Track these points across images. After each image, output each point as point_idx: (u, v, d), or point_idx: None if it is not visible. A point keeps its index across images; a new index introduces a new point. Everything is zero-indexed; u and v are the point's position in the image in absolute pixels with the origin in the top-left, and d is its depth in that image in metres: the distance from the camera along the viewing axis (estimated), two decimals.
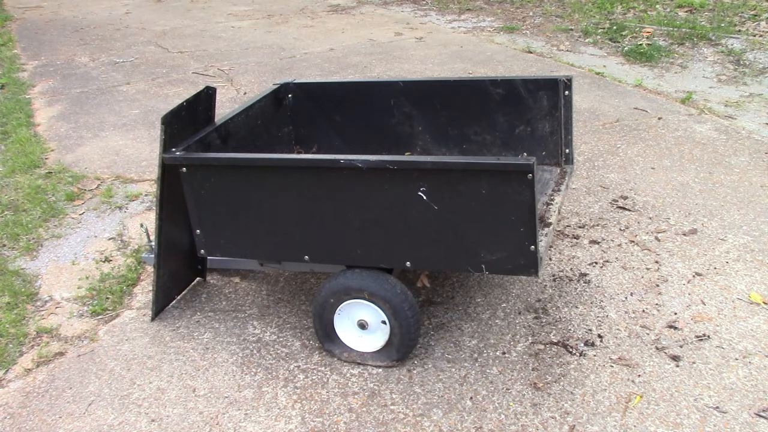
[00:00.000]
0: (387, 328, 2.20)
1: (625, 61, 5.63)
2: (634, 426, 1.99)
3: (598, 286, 2.66)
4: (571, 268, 2.78)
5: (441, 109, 2.77)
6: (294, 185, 2.09)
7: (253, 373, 2.28)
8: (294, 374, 2.26)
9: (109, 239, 3.19)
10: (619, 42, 6.12)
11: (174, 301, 2.67)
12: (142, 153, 4.16)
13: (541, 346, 2.34)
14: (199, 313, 2.61)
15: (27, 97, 5.32)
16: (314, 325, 2.32)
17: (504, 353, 2.31)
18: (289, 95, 2.93)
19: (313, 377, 2.25)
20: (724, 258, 2.81)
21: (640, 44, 5.89)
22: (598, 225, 3.10)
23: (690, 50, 5.76)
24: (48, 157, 4.14)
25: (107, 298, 2.72)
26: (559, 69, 5.47)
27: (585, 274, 2.74)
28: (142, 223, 3.10)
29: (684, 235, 2.99)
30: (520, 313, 2.51)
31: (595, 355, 2.29)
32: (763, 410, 2.02)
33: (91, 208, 3.50)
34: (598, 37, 6.32)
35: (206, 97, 2.46)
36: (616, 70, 5.40)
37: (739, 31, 6.11)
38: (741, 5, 6.85)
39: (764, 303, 2.52)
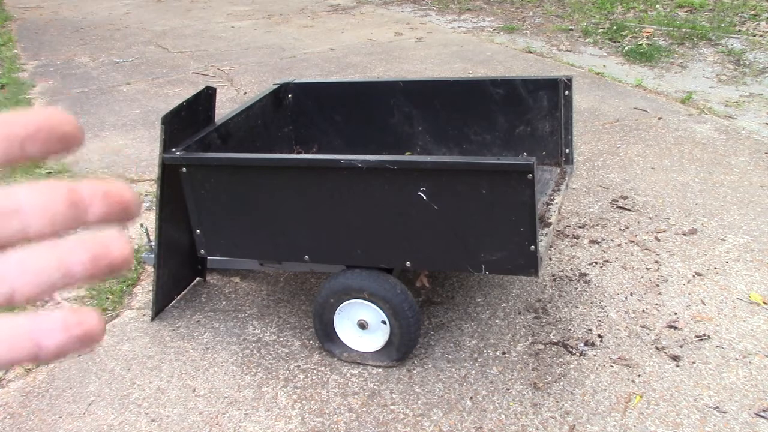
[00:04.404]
0: (387, 328, 2.20)
1: (625, 61, 5.63)
2: (634, 426, 1.99)
3: (598, 286, 2.66)
4: (571, 268, 2.78)
5: (441, 109, 2.77)
6: (294, 185, 2.09)
7: (253, 373, 2.28)
8: (294, 374, 2.26)
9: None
10: (619, 42, 6.12)
11: (174, 301, 2.67)
12: (142, 153, 4.16)
13: (541, 346, 2.34)
14: (199, 313, 2.61)
15: (27, 97, 5.32)
16: (314, 325, 2.32)
17: (504, 353, 2.31)
18: (289, 95, 2.93)
19: (313, 377, 2.25)
20: (724, 258, 2.81)
21: (640, 44, 5.89)
22: (598, 225, 3.10)
23: (690, 50, 5.76)
24: None
25: (107, 298, 2.72)
26: (559, 69, 5.47)
27: (585, 274, 2.74)
28: (142, 223, 3.10)
29: (684, 235, 2.99)
30: (520, 313, 2.51)
31: (595, 355, 2.28)
32: (763, 410, 2.02)
33: None
34: (598, 37, 6.32)
35: (206, 97, 2.46)
36: (616, 70, 5.39)
37: (739, 31, 6.11)
38: (741, 5, 6.84)
39: (764, 303, 2.52)
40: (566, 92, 2.58)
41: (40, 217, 0.30)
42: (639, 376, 2.19)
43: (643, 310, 2.50)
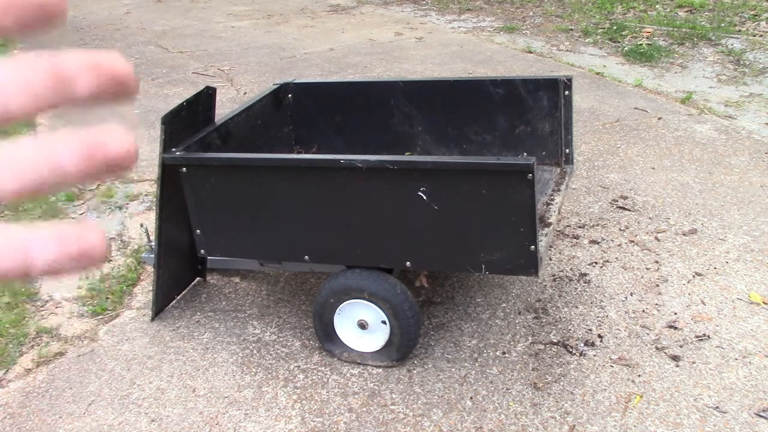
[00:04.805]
0: (387, 328, 2.20)
1: (625, 61, 5.63)
2: (634, 426, 1.99)
3: (598, 286, 2.66)
4: (571, 268, 2.78)
5: (441, 109, 2.77)
6: (294, 185, 2.09)
7: (253, 373, 2.28)
8: (294, 374, 2.27)
9: (109, 239, 3.19)
10: (619, 42, 6.12)
11: (174, 301, 2.67)
12: (142, 153, 4.16)
13: (541, 346, 2.34)
14: (199, 313, 2.61)
15: None
16: (314, 325, 2.32)
17: (504, 353, 2.31)
18: (289, 95, 2.93)
19: (313, 377, 2.25)
20: (724, 258, 2.81)
21: (640, 44, 5.89)
22: (598, 225, 3.10)
23: (690, 50, 5.76)
24: None
25: (107, 298, 2.72)
26: (559, 69, 5.47)
27: (585, 274, 2.74)
28: (142, 223, 3.10)
29: (684, 235, 2.99)
30: (520, 313, 2.51)
31: (595, 355, 2.29)
32: (763, 410, 2.02)
33: (91, 208, 3.50)
34: (598, 37, 6.32)
35: (206, 97, 2.46)
36: (616, 70, 5.39)
37: (739, 31, 6.11)
38: (741, 5, 6.84)
39: (764, 303, 2.52)
40: (566, 92, 2.58)
41: (21, 94, 0.27)
42: (639, 376, 2.19)
43: (643, 310, 2.50)
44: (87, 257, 0.28)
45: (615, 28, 6.47)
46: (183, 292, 2.72)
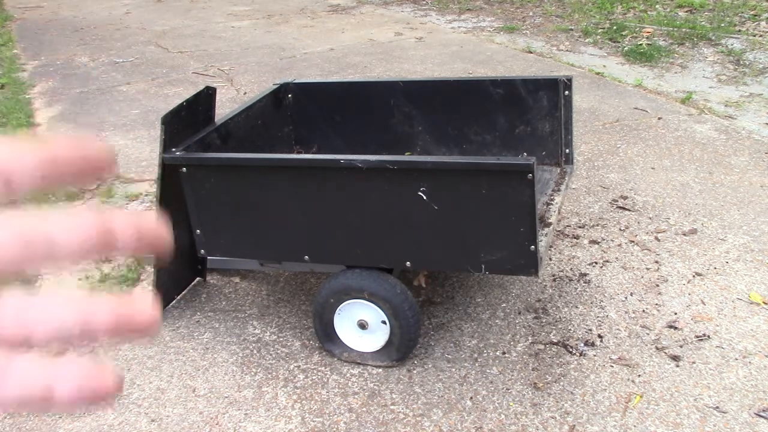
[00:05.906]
0: (387, 328, 2.20)
1: (625, 61, 5.63)
2: (634, 426, 1.99)
3: (598, 286, 2.66)
4: (571, 268, 2.78)
5: (441, 109, 2.77)
6: (294, 185, 2.09)
7: (253, 373, 2.28)
8: (294, 374, 2.27)
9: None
10: (619, 42, 6.12)
11: (174, 301, 2.67)
12: (142, 153, 4.16)
13: (541, 346, 2.34)
14: (199, 313, 2.61)
15: (27, 97, 5.31)
16: (314, 325, 2.32)
17: (504, 353, 2.31)
18: (289, 95, 2.93)
19: (313, 377, 2.25)
20: (724, 258, 2.81)
21: (640, 44, 5.89)
22: (598, 225, 3.10)
23: (690, 50, 5.76)
24: None
25: None
26: (559, 69, 5.47)
27: (585, 274, 2.74)
28: None
29: (684, 235, 2.99)
30: (520, 313, 2.51)
31: (595, 355, 2.29)
32: (763, 410, 2.02)
33: (92, 207, 3.49)
34: (598, 37, 6.32)
35: (206, 97, 2.46)
36: (616, 70, 5.39)
37: (739, 31, 6.11)
38: (741, 5, 6.85)
39: (764, 303, 2.52)
40: (566, 92, 2.58)
41: (70, 242, 0.30)
42: (639, 376, 2.19)
43: (643, 310, 2.50)
44: (103, 395, 0.30)
45: (615, 28, 6.47)
46: (183, 292, 2.72)
